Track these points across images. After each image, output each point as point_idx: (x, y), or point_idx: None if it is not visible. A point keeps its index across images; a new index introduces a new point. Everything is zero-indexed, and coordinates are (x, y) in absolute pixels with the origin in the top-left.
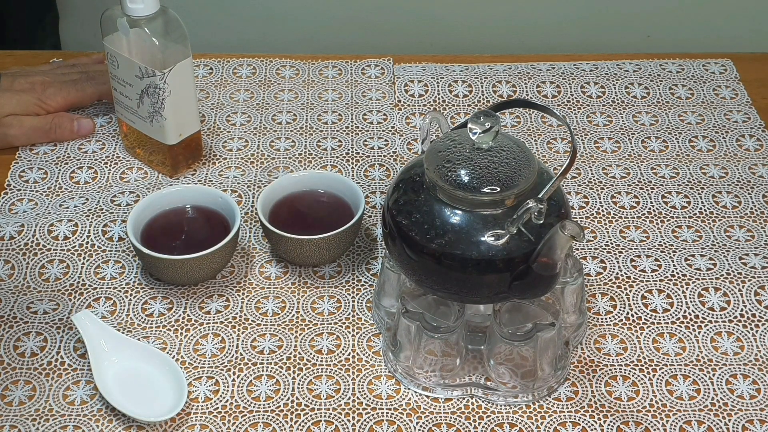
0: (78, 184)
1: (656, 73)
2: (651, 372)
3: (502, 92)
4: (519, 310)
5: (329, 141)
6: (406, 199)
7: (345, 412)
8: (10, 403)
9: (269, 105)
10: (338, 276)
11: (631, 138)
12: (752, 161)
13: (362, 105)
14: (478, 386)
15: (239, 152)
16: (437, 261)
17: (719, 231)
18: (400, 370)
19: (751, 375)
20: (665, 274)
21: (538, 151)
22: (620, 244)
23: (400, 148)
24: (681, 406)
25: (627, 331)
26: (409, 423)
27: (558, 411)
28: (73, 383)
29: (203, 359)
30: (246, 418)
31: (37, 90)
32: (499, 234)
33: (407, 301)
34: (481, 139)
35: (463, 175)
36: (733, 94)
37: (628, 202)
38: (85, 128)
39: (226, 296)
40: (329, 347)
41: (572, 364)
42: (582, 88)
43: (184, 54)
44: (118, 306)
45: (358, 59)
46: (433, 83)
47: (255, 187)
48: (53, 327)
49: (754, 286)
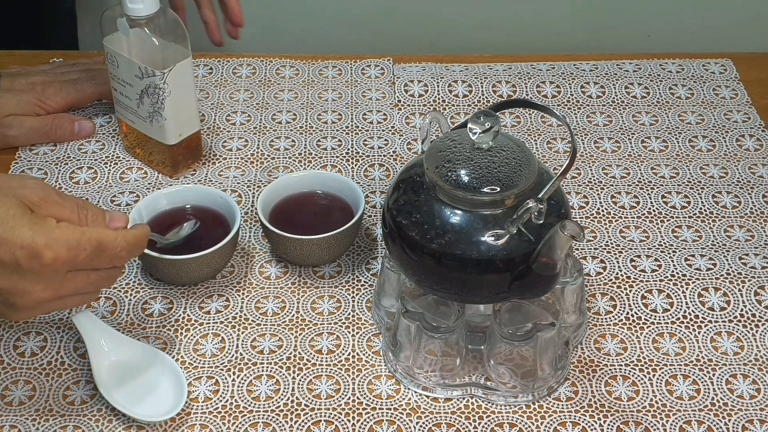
0: (78, 184)
1: (656, 73)
2: (651, 372)
3: (502, 92)
4: (519, 310)
5: (329, 140)
6: (406, 199)
7: (345, 412)
8: (10, 403)
9: (269, 105)
10: (338, 276)
11: (631, 138)
12: (752, 161)
13: (362, 105)
14: (478, 386)
15: (239, 152)
16: (437, 261)
17: (719, 231)
18: (400, 370)
19: (751, 375)
20: (665, 274)
21: (538, 151)
22: (620, 244)
23: (400, 148)
24: (681, 406)
25: (627, 331)
26: (409, 423)
27: (558, 411)
28: (73, 383)
29: (203, 359)
30: (246, 418)
31: (37, 90)
32: (499, 234)
33: (407, 301)
34: (481, 139)
35: (463, 175)
36: (733, 94)
37: (628, 202)
38: (85, 130)
39: (226, 296)
40: (329, 347)
41: (572, 364)
42: (582, 88)
43: (184, 54)
44: (118, 306)
45: (358, 59)
46: (433, 83)
47: (255, 187)
48: (53, 327)
49: (754, 286)
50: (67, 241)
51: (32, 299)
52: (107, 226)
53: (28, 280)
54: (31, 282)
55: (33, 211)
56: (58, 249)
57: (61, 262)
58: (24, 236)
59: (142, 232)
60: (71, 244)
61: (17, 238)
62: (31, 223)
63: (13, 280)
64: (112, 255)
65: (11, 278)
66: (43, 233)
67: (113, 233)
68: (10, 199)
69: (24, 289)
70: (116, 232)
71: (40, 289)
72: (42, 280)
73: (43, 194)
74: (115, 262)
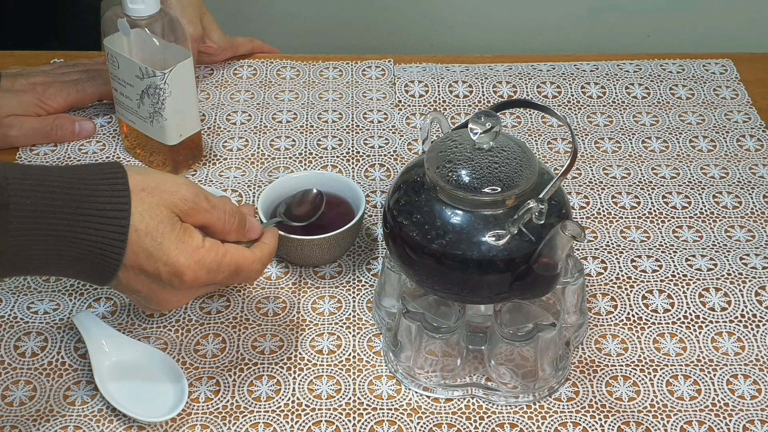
0: None
1: (656, 74)
2: (652, 372)
3: (503, 92)
4: (520, 311)
5: (330, 140)
6: (407, 200)
7: (346, 413)
8: (10, 403)
9: (269, 105)
10: (339, 276)
11: (631, 138)
12: (753, 161)
13: (363, 105)
14: (478, 386)
15: (239, 152)
16: (438, 261)
17: (720, 231)
18: (400, 370)
19: (751, 375)
20: (666, 274)
21: (539, 152)
22: (621, 244)
23: (400, 148)
24: (682, 407)
25: (628, 331)
26: (409, 423)
27: (559, 411)
28: (74, 383)
29: (204, 359)
30: (247, 419)
31: (38, 90)
32: (499, 234)
33: (408, 302)
34: (482, 140)
35: (464, 175)
36: (733, 95)
37: (629, 202)
38: (86, 130)
39: (226, 296)
40: (330, 347)
41: (573, 365)
42: (582, 88)
43: (184, 54)
44: (119, 306)
45: (359, 60)
46: (434, 84)
47: (255, 187)
48: (54, 327)
49: (754, 286)
50: (209, 265)
51: (167, 305)
52: (245, 237)
53: (167, 291)
54: (169, 293)
55: (182, 221)
56: (198, 272)
57: (200, 283)
58: (170, 254)
59: (273, 247)
60: (212, 267)
61: (163, 255)
62: (178, 241)
63: (154, 288)
64: (246, 276)
65: (152, 287)
66: (188, 254)
67: (251, 256)
68: (161, 210)
69: (162, 298)
70: (254, 254)
71: (176, 300)
72: (179, 293)
73: (193, 202)
74: (246, 281)
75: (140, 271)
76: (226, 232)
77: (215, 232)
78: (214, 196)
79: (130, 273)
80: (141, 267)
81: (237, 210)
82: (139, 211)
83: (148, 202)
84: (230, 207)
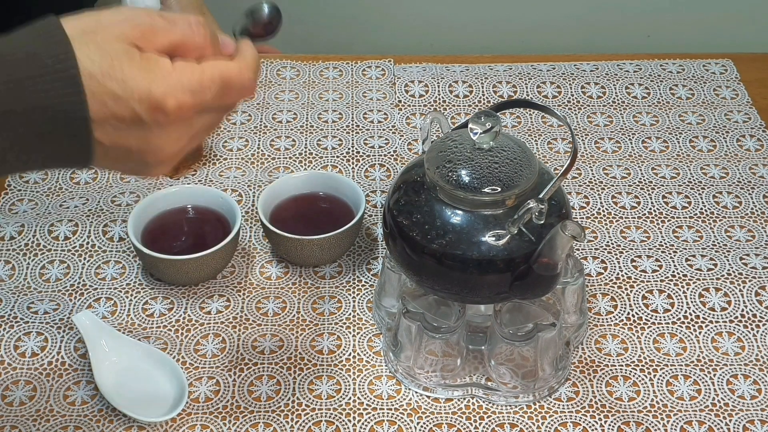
0: (78, 184)
1: (656, 74)
2: (652, 372)
3: (503, 92)
4: (520, 311)
5: (329, 140)
6: (407, 200)
7: (346, 413)
8: (10, 403)
9: (269, 104)
10: (339, 276)
11: (631, 138)
12: (753, 161)
13: (363, 105)
14: (478, 386)
15: (239, 152)
16: (438, 261)
17: (720, 231)
18: (400, 370)
19: (751, 375)
20: (666, 274)
21: (539, 152)
22: (621, 244)
23: (400, 148)
24: (682, 407)
25: (628, 331)
26: (409, 423)
27: (559, 411)
28: (74, 383)
29: (204, 359)
30: (247, 419)
31: None
32: (499, 234)
33: (408, 302)
34: (482, 140)
35: (464, 175)
36: (733, 95)
37: (629, 202)
38: None
39: (226, 296)
40: (330, 347)
41: (573, 365)
42: (582, 88)
43: None
44: (119, 306)
45: (359, 60)
46: (434, 84)
47: (255, 187)
48: (54, 327)
49: (754, 286)
50: (189, 85)
51: (167, 153)
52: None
53: (157, 134)
54: (161, 136)
55: (141, 49)
56: (180, 96)
57: (188, 109)
58: (140, 87)
59: (255, 53)
60: (194, 87)
61: (133, 92)
62: (143, 70)
63: (141, 136)
64: (240, 89)
65: (139, 135)
66: (160, 81)
67: (234, 64)
68: (112, 45)
69: (157, 145)
70: (237, 62)
71: (173, 141)
72: (173, 131)
73: (147, 24)
74: (244, 95)
75: (116, 121)
76: (201, 47)
77: (187, 50)
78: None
79: (107, 128)
80: (114, 115)
81: (204, 21)
82: (86, 55)
83: (93, 42)
84: (194, 18)
